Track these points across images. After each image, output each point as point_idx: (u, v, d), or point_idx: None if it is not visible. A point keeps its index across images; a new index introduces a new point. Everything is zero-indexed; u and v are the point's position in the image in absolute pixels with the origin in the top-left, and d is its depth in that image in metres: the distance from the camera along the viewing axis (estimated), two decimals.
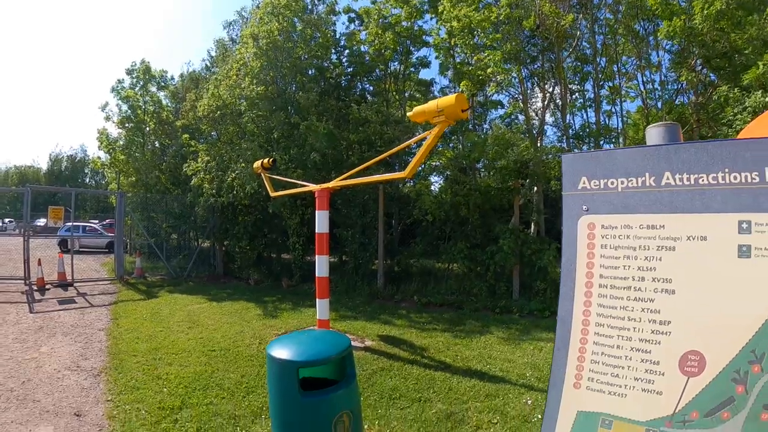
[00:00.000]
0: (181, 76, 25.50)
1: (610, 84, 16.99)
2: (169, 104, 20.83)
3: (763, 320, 1.33)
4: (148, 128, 18.33)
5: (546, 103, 16.46)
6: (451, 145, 15.42)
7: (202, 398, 5.22)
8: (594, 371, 1.52)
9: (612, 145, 16.99)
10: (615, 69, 16.61)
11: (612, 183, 1.52)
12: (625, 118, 18.65)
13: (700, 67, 14.11)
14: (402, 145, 6.73)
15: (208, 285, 14.23)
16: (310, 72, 15.26)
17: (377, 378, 5.79)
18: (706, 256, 1.37)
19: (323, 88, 15.12)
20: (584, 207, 1.57)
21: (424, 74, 17.07)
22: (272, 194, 8.94)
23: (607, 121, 18.60)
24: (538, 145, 14.68)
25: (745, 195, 1.36)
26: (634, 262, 1.46)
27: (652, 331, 1.42)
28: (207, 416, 4.78)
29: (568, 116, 17.49)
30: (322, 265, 7.14)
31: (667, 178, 1.44)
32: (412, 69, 16.53)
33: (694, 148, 1.45)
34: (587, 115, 18.42)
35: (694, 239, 1.39)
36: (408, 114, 6.02)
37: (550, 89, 16.43)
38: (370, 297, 11.81)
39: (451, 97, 5.16)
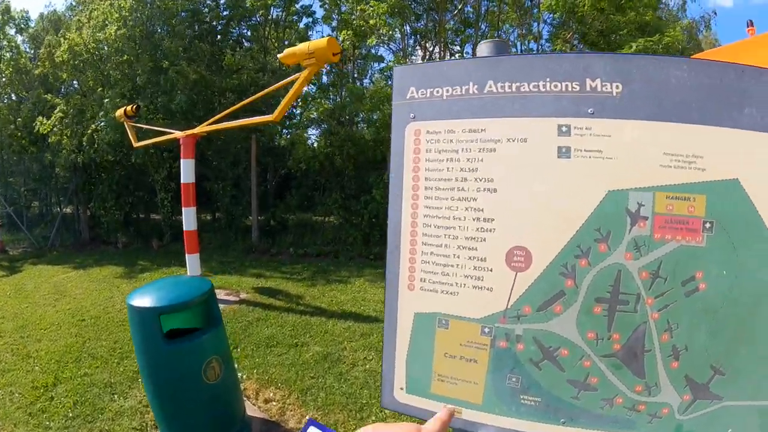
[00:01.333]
0: (41, 17, 22.35)
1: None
2: (27, 50, 18.42)
3: (586, 216, 1.41)
4: (3, 78, 15.89)
5: (425, 60, 16.62)
6: (331, 97, 15.46)
7: (76, 371, 5.04)
8: (425, 271, 1.54)
9: None
10: (496, 35, 17.15)
11: (438, 92, 1.51)
12: None
13: (576, 42, 15.11)
14: (271, 88, 6.53)
15: (73, 253, 13.47)
16: (183, 14, 14.25)
17: (253, 328, 5.86)
18: (526, 157, 1.42)
19: (196, 32, 14.27)
20: (411, 115, 1.55)
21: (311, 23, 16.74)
22: (135, 144, 8.41)
23: None
24: None
25: (565, 101, 1.41)
26: (456, 164, 1.48)
27: (477, 229, 1.46)
28: (83, 388, 4.64)
29: None
30: (189, 217, 6.91)
31: (490, 86, 1.45)
32: (295, 17, 16.14)
33: (517, 59, 1.48)
34: None
35: (514, 141, 1.43)
36: (279, 55, 5.87)
37: (431, 48, 16.82)
38: (245, 252, 11.87)
39: (323, 40, 5.12)
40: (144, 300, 2.89)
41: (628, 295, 1.43)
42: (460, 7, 15.59)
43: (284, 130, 14.80)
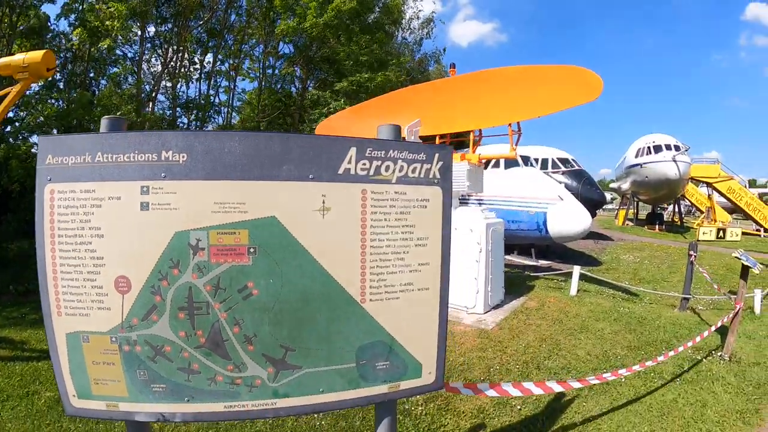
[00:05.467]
0: None
1: (231, 62, 18.34)
2: None
3: (162, 250, 1.97)
4: None
5: (163, 68, 16.36)
6: (61, 101, 13.79)
7: None
8: (67, 300, 2.03)
9: (220, 118, 19.58)
10: (241, 49, 17.96)
11: (66, 159, 2.01)
12: (241, 96, 20.98)
13: (302, 66, 16.59)
14: None
15: None
16: None
17: None
18: (122, 210, 1.96)
19: None
20: (48, 177, 2.04)
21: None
22: None
23: (219, 97, 20.20)
24: (149, 110, 15.12)
25: (147, 169, 1.97)
26: (77, 217, 1.99)
27: (94, 265, 1.98)
28: None
29: (183, 86, 18.26)
30: None
31: (99, 156, 1.98)
32: (35, 2, 13.62)
33: (120, 136, 2.01)
34: (201, 87, 19.36)
35: (112, 199, 1.97)
36: None
37: (171, 55, 16.58)
38: None
39: (38, 53, 4.81)
40: None
41: (201, 303, 2.00)
42: (206, 18, 15.51)
43: None
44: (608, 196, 32.59)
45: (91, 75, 14.91)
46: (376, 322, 2.17)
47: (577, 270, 9.19)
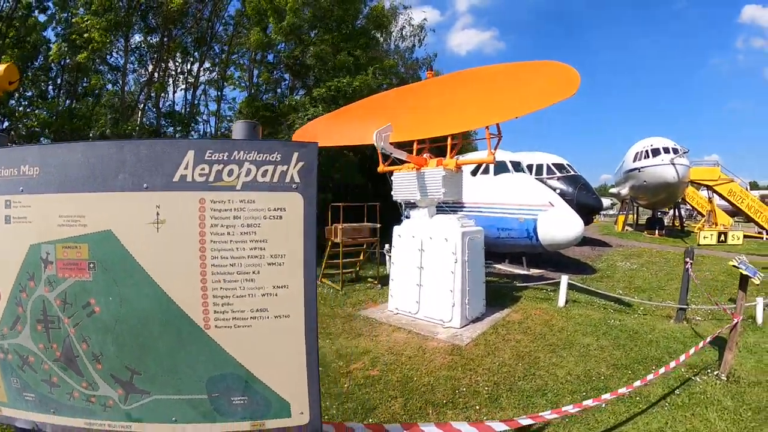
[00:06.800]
0: None
1: (217, 70, 18.04)
2: None
3: (21, 262, 2.01)
4: None
5: (148, 78, 16.08)
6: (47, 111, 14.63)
7: None
8: None
9: (205, 128, 19.40)
10: (231, 58, 17.82)
11: None
12: (231, 105, 20.56)
13: (280, 73, 16.31)
14: None
15: None
16: None
17: None
18: None
19: None
20: None
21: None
22: None
23: (208, 106, 20.11)
24: (137, 120, 14.98)
25: (11, 183, 2.03)
26: None
27: None
28: None
29: (170, 95, 17.93)
30: None
31: None
32: (24, 12, 14.31)
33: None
34: (187, 97, 19.16)
35: None
36: None
37: (157, 65, 16.41)
38: None
39: None
40: None
41: (53, 317, 1.99)
42: (191, 27, 15.14)
43: None
44: (608, 201, 31.57)
45: (85, 85, 15.79)
46: (224, 352, 1.95)
47: (565, 279, 8.30)
